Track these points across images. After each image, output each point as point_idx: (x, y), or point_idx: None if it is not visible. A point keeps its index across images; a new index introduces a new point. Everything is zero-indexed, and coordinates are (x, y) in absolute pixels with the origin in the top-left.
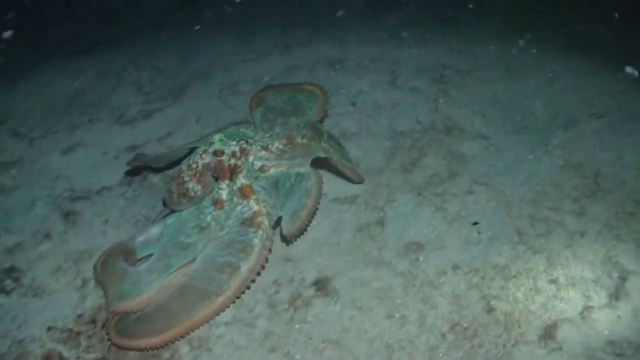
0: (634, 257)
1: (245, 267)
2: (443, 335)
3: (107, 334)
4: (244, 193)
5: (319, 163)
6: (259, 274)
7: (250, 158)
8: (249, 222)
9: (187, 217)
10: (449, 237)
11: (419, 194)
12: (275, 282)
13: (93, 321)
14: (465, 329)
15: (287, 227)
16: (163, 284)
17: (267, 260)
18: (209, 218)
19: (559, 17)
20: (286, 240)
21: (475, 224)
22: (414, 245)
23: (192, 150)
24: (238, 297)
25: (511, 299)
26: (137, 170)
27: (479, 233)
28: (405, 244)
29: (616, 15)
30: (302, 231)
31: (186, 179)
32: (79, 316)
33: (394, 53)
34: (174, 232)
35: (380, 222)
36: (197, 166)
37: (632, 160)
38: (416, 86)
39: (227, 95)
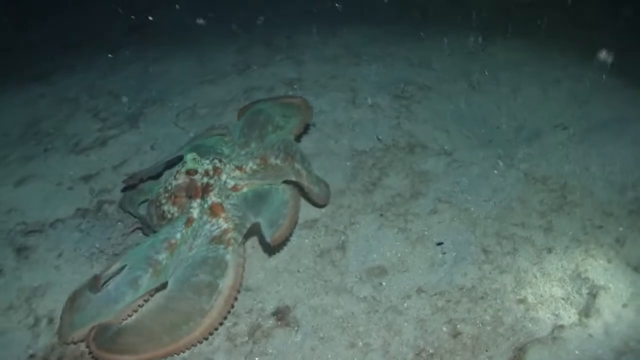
0: (603, 272)
1: (223, 284)
2: None
3: (87, 347)
4: (213, 211)
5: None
6: (238, 291)
7: (223, 177)
8: (217, 239)
9: (160, 233)
10: (412, 259)
11: (381, 215)
12: (233, 313)
13: None
14: (432, 355)
15: (269, 234)
16: (130, 306)
17: (242, 276)
18: (178, 235)
19: (522, 25)
20: (269, 248)
21: (440, 244)
22: (377, 270)
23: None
24: (225, 318)
25: (478, 322)
26: (132, 186)
27: (443, 254)
28: (368, 269)
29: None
30: (285, 239)
31: (162, 201)
32: (31, 357)
33: (352, 70)
34: (146, 246)
35: (342, 247)
36: (171, 187)
37: (598, 171)
38: (377, 103)
39: (183, 119)
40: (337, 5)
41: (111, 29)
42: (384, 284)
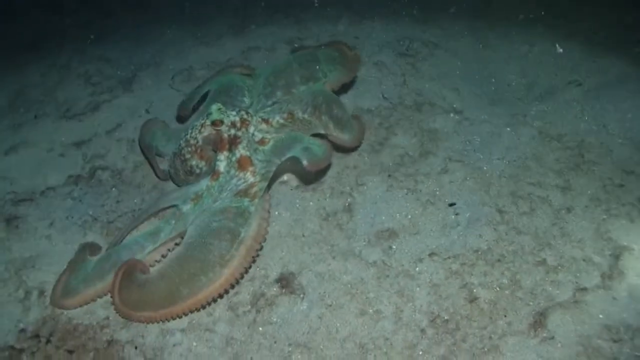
0: (626, 232)
1: (246, 233)
2: (422, 331)
3: (111, 296)
4: (241, 164)
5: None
6: (261, 243)
7: (251, 129)
8: (243, 193)
9: (187, 188)
10: (423, 221)
11: (389, 175)
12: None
13: (37, 336)
14: (446, 321)
15: (305, 158)
16: (150, 256)
17: (266, 229)
18: (203, 187)
19: None
20: (304, 177)
21: (452, 205)
22: (386, 233)
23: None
24: (246, 271)
25: (495, 285)
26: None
27: (456, 215)
28: (377, 232)
29: None
30: (323, 165)
31: (187, 156)
32: (22, 331)
33: (354, 28)
34: (180, 194)
35: (348, 209)
36: (197, 141)
37: (616, 128)
38: (381, 61)
39: (179, 81)
40: None
41: None
42: (394, 247)
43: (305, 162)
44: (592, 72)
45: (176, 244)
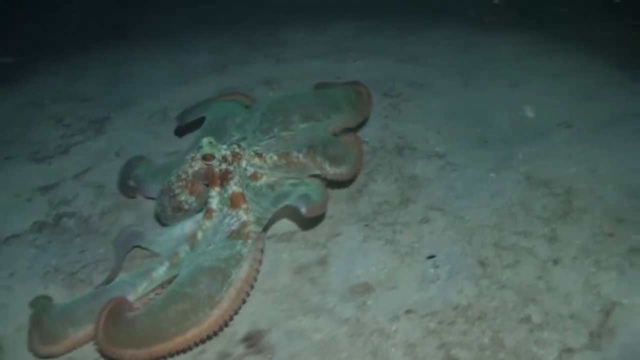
0: (617, 286)
1: (236, 275)
2: None
3: (95, 332)
4: (234, 202)
5: None
6: (252, 285)
7: (243, 163)
8: (236, 234)
9: (178, 226)
10: (401, 275)
11: (366, 225)
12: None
13: None
14: None
15: (303, 205)
16: (142, 299)
17: (258, 271)
18: (196, 227)
19: (520, 17)
20: (305, 219)
21: (432, 257)
22: (361, 287)
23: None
24: (235, 313)
25: (475, 345)
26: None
27: (436, 268)
28: (351, 286)
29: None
30: (322, 210)
31: (177, 191)
32: None
33: (337, 67)
34: (175, 240)
35: (322, 262)
36: (187, 175)
37: (607, 173)
38: None
39: (153, 123)
40: None
41: (86, 29)
42: (369, 303)
43: (303, 210)
44: (582, 113)
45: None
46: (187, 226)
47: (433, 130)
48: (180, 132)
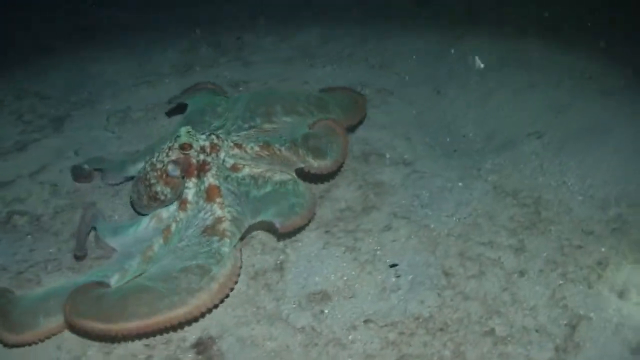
0: (584, 299)
1: (218, 271)
2: None
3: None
4: (209, 195)
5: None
6: (236, 281)
7: (222, 155)
8: (210, 230)
9: (157, 224)
10: (361, 283)
11: (327, 232)
12: (147, 345)
13: None
14: None
15: (278, 220)
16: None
17: (239, 270)
18: (171, 219)
19: (493, 27)
20: (278, 235)
21: (394, 266)
22: (319, 295)
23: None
24: (215, 306)
25: (436, 358)
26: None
27: (397, 277)
28: (308, 294)
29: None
30: (298, 228)
31: (153, 181)
32: None
33: (305, 72)
34: (146, 237)
35: (279, 267)
36: (163, 165)
37: (577, 184)
38: None
39: (114, 123)
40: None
41: (53, 29)
42: (326, 312)
43: (277, 225)
44: (553, 124)
45: None
46: (145, 223)
47: (401, 138)
48: (170, 114)
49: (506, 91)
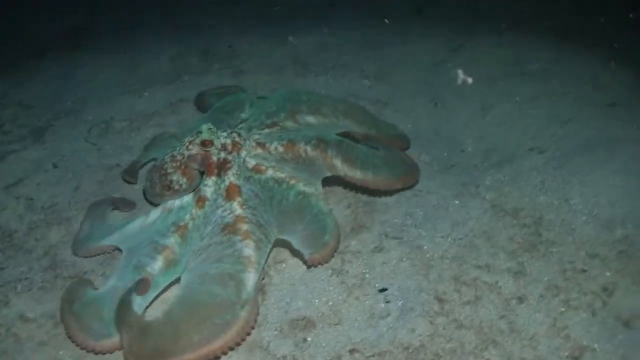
0: (587, 328)
1: (247, 278)
2: None
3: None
4: (229, 194)
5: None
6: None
7: (243, 154)
8: (231, 228)
9: (167, 215)
10: (347, 309)
11: (302, 261)
12: None
13: None
14: None
15: (307, 252)
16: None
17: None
18: (187, 217)
19: (494, 36)
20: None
21: (383, 290)
22: (302, 322)
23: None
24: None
25: None
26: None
27: (387, 302)
28: (290, 320)
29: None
30: (328, 260)
31: (170, 170)
32: None
33: (297, 82)
34: (151, 230)
35: (261, 291)
36: (183, 157)
37: (580, 203)
38: None
39: (95, 134)
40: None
41: (41, 33)
42: (309, 339)
43: (306, 257)
44: (556, 139)
45: None
46: (155, 215)
47: None
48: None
49: (507, 103)
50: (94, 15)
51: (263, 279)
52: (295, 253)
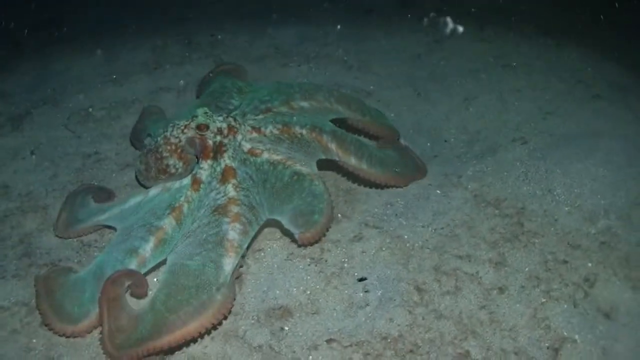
0: (568, 319)
1: (227, 262)
2: None
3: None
4: (225, 176)
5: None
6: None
7: (239, 137)
8: (222, 209)
9: (164, 196)
10: (325, 298)
11: (292, 241)
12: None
13: None
14: None
15: (297, 230)
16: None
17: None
18: (182, 198)
19: (478, 28)
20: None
21: (362, 280)
22: (279, 311)
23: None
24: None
25: None
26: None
27: (366, 292)
28: (268, 309)
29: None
30: (318, 239)
31: (165, 154)
32: None
33: (278, 72)
34: (144, 211)
35: (238, 280)
36: (179, 141)
37: (563, 194)
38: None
39: (75, 122)
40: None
41: (20, 22)
42: (286, 329)
43: (296, 236)
44: (540, 130)
45: None
46: (153, 193)
47: None
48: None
49: (490, 94)
50: (74, 6)
51: (241, 266)
52: (286, 232)
